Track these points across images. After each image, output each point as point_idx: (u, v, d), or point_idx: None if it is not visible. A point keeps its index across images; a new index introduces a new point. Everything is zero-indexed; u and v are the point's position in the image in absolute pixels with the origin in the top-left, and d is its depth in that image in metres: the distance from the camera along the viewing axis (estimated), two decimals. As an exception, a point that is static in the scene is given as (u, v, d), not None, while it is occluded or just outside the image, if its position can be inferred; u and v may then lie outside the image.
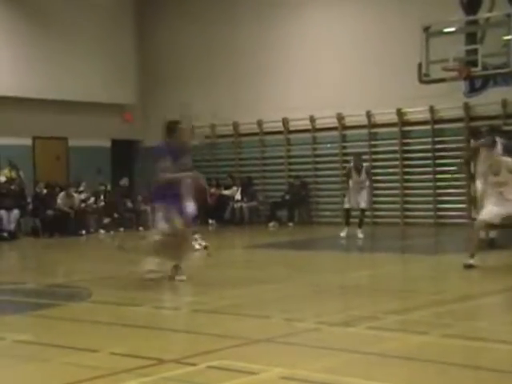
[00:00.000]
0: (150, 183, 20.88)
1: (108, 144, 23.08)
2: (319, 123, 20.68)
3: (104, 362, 5.63)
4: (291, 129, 21.23)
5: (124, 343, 6.27)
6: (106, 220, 20.28)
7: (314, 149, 20.92)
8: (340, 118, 20.18)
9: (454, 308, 7.69)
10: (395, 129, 19.19)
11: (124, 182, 21.53)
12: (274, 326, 6.94)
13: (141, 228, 20.13)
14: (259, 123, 21.58)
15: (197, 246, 13.85)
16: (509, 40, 14.37)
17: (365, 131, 19.71)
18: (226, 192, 21.40)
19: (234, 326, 6.93)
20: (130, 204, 21.05)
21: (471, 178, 17.55)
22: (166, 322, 7.48)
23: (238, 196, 21.33)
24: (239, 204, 21.29)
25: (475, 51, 14.94)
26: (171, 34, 22.95)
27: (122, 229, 20.13)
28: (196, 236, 13.92)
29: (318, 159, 20.67)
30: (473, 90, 18.29)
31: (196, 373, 5.31)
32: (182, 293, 9.51)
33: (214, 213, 21.17)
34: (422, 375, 5.24)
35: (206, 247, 13.42)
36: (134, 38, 23.35)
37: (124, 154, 23.56)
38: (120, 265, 12.60)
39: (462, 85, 17.94)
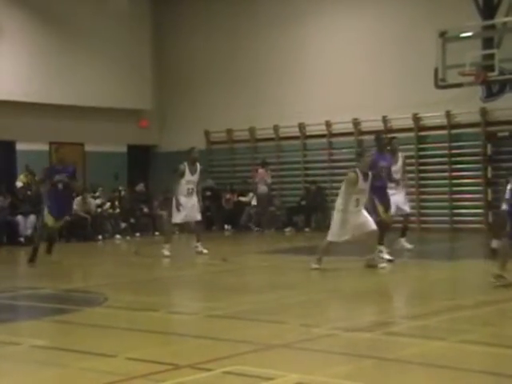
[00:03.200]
0: (166, 189, 21.06)
1: (124, 149, 23.16)
2: (335, 128, 20.66)
3: (120, 367, 5.63)
4: (307, 134, 21.22)
5: (140, 348, 6.27)
6: (123, 225, 20.33)
7: (331, 154, 20.89)
8: (356, 123, 20.14)
9: (472, 314, 7.64)
10: (411, 134, 19.12)
11: (140, 187, 21.58)
12: (291, 331, 6.91)
13: (157, 233, 20.23)
14: (275, 128, 21.58)
15: (205, 251, 13.87)
16: (526, 45, 14.31)
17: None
18: (243, 198, 21.39)
19: (250, 332, 6.91)
20: (146, 209, 21.10)
21: (488, 183, 17.50)
22: (181, 328, 7.46)
23: (254, 202, 21.32)
24: (255, 209, 21.30)
25: (492, 56, 14.87)
26: (188, 41, 23.03)
27: (138, 234, 20.17)
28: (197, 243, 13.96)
29: (334, 164, 20.62)
30: (490, 94, 18.20)
31: (211, 378, 5.30)
32: (197, 298, 9.52)
33: (230, 218, 21.21)
34: (439, 381, 5.21)
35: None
36: (151, 45, 23.45)
37: (140, 159, 23.64)
38: (136, 270, 12.65)
39: (479, 90, 17.87)
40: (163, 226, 20.32)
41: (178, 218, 13.97)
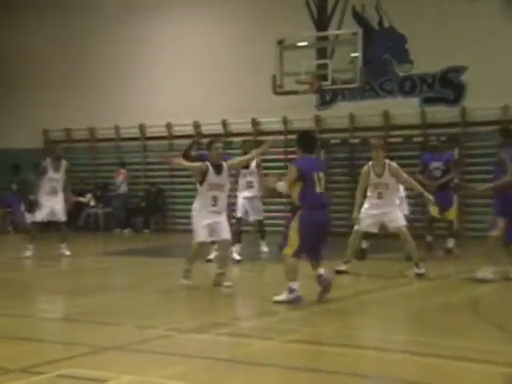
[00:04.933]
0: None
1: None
2: (176, 130, 20.79)
3: None
4: (148, 135, 21.23)
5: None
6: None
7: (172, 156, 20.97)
8: (196, 125, 20.35)
9: (299, 315, 8.02)
10: (250, 138, 19.55)
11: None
12: (125, 333, 6.97)
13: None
14: (116, 129, 21.45)
15: (67, 252, 13.57)
16: (355, 57, 15.04)
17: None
18: (81, 199, 21.03)
19: (85, 334, 6.90)
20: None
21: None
22: (13, 331, 7.26)
23: (92, 202, 21.07)
24: (94, 210, 21.06)
25: (325, 66, 15.51)
26: (23, 37, 22.37)
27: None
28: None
29: (174, 167, 20.70)
30: (323, 103, 19.04)
31: (44, 381, 5.27)
32: (30, 300, 9.30)
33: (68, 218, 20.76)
34: (266, 379, 5.47)
35: None
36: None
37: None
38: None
39: (314, 98, 18.63)
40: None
41: (39, 216, 13.57)
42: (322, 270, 8.51)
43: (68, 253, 13.56)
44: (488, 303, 8.94)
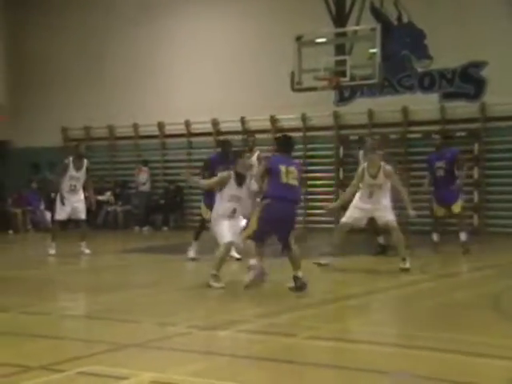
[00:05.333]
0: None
1: (-25, 144, 22.34)
2: (194, 128, 20.81)
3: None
4: (167, 133, 21.27)
5: (-12, 351, 6.13)
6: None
7: (190, 154, 21.02)
8: (215, 123, 20.37)
9: (319, 311, 7.99)
10: (269, 135, 19.54)
11: (-8, 183, 20.87)
12: (146, 330, 6.96)
13: (10, 231, 19.62)
14: (135, 126, 21.51)
15: (87, 251, 13.61)
16: (374, 53, 14.98)
17: (239, 137, 19.93)
18: (101, 197, 21.11)
19: (105, 331, 6.91)
20: (-2, 206, 20.43)
21: (339, 184, 18.19)
22: (33, 328, 7.29)
23: (111, 200, 21.14)
24: (113, 208, 21.13)
25: (344, 62, 15.46)
26: (44, 35, 22.51)
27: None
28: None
29: (193, 164, 20.75)
30: (342, 99, 18.97)
31: (64, 379, 5.27)
32: (50, 298, 9.33)
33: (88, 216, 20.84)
34: (287, 376, 5.45)
35: None
36: (4, 39, 22.70)
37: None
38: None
39: (332, 94, 18.57)
40: (17, 224, 19.78)
41: (60, 215, 13.61)
42: (299, 273, 8.80)
43: (88, 251, 13.59)
44: (509, 299, 8.87)
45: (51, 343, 6.55)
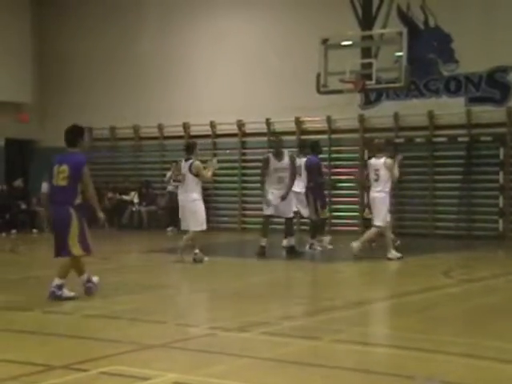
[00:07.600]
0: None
1: (1, 143, 22.45)
2: (220, 129, 20.83)
3: (-8, 369, 5.48)
4: (192, 134, 21.30)
5: (11, 349, 6.13)
6: (-3, 221, 19.73)
7: (215, 154, 21.03)
8: (240, 124, 20.37)
9: (345, 314, 7.94)
10: (293, 137, 19.51)
11: (18, 183, 20.98)
12: (170, 331, 6.96)
13: (35, 230, 19.75)
14: (160, 127, 21.57)
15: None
16: (400, 56, 14.89)
17: (264, 138, 19.94)
18: (125, 197, 21.20)
19: (129, 332, 6.91)
20: (23, 205, 20.54)
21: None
22: (57, 328, 7.32)
23: (136, 200, 21.21)
24: (138, 208, 21.19)
25: (370, 65, 15.39)
26: (72, 35, 22.64)
27: (14, 231, 19.61)
28: None
29: (219, 165, 20.74)
30: (367, 102, 18.88)
31: (86, 379, 5.27)
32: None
33: (112, 217, 20.95)
34: (312, 379, 5.41)
35: None
36: (32, 37, 22.85)
37: (19, 154, 22.97)
38: (10, 268, 12.31)
39: (358, 97, 18.49)
40: (42, 223, 19.89)
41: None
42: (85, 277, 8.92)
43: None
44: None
45: (74, 342, 6.55)
